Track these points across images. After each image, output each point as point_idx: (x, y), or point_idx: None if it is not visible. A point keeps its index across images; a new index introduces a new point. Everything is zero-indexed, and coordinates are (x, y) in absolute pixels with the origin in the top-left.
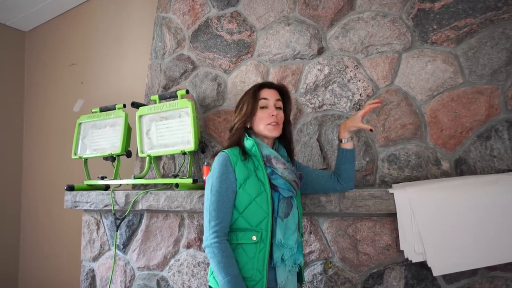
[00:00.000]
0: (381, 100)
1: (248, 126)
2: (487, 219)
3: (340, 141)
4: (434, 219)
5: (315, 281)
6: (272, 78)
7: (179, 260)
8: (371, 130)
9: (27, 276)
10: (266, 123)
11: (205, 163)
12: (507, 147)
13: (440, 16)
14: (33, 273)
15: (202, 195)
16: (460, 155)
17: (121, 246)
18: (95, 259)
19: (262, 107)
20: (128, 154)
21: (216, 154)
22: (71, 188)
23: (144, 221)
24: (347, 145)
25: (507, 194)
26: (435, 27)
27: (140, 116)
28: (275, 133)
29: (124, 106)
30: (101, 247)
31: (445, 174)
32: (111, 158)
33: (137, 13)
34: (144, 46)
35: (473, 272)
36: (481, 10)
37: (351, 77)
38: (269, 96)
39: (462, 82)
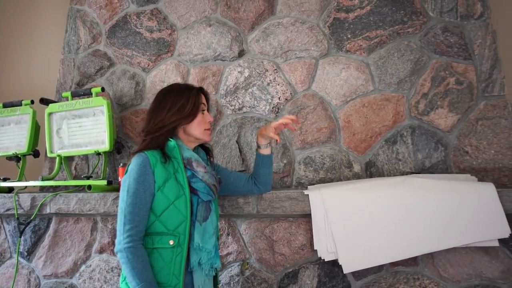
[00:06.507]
0: (299, 123)
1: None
2: (392, 218)
3: (258, 146)
4: (346, 219)
5: (232, 282)
6: (193, 78)
7: (90, 266)
8: (277, 141)
9: None
10: (204, 128)
11: (121, 164)
12: (410, 151)
13: (353, 26)
14: None
15: (117, 198)
16: (370, 158)
17: (25, 253)
18: None
19: (203, 111)
20: (36, 154)
21: (134, 154)
22: None
23: (52, 226)
24: (265, 151)
25: (409, 195)
26: (349, 36)
27: (50, 114)
28: (210, 137)
29: (32, 102)
30: (1, 255)
31: (357, 176)
32: (16, 158)
33: (49, 2)
34: (57, 38)
35: (379, 268)
36: (389, 23)
37: (270, 80)
38: (205, 102)
39: (372, 90)
